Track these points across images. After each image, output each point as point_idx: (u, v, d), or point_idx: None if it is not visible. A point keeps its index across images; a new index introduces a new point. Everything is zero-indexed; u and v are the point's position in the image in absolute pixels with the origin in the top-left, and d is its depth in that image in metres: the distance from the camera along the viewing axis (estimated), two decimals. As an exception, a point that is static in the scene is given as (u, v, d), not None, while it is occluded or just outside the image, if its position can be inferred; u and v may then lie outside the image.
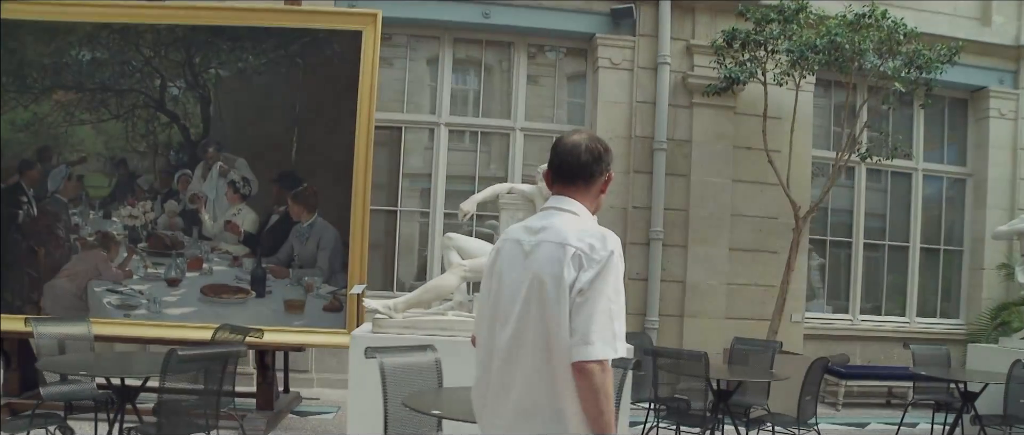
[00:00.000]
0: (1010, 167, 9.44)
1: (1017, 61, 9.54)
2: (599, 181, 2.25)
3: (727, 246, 8.12)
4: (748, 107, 7.91)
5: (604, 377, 2.03)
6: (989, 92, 9.48)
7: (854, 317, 9.20)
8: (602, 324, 2.03)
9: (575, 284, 2.06)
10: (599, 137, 2.32)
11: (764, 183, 7.79)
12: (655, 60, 8.08)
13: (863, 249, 9.31)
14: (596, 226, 2.17)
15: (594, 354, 2.01)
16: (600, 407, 2.05)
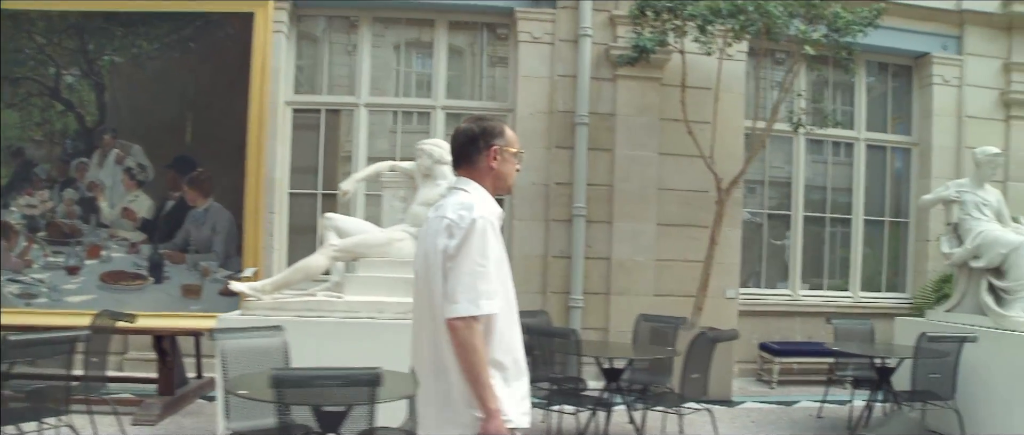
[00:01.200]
0: (954, 135, 9.43)
1: (960, 26, 9.51)
2: (482, 159, 2.57)
3: (654, 221, 8.15)
4: (675, 78, 7.89)
5: (468, 333, 2.32)
6: (932, 59, 9.47)
7: (794, 292, 9.22)
8: (467, 284, 2.34)
9: (446, 250, 2.39)
10: (483, 117, 2.65)
11: (693, 156, 7.80)
12: (576, 32, 8.08)
13: (804, 222, 9.30)
14: (472, 198, 2.48)
15: (458, 311, 2.33)
16: (468, 360, 2.34)
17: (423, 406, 2.60)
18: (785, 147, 9.29)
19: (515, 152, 2.65)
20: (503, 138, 2.61)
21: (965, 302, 7.14)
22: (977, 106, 9.54)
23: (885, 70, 9.81)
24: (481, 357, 2.35)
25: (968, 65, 9.53)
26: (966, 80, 9.52)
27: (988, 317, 6.65)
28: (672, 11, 7.16)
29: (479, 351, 2.34)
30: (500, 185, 2.64)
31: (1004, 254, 6.71)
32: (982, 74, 9.59)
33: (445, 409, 2.46)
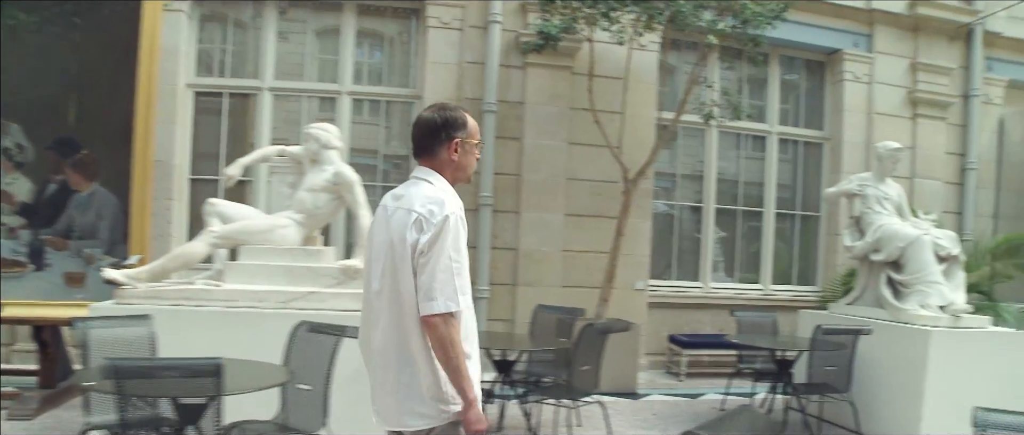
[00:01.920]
0: (865, 131, 9.71)
1: (870, 24, 9.80)
2: (443, 150, 2.62)
3: (563, 212, 8.20)
4: (586, 67, 7.93)
5: (447, 329, 2.44)
6: (844, 55, 9.72)
7: (705, 285, 9.36)
8: (443, 281, 2.43)
9: (417, 245, 2.46)
10: (446, 106, 2.68)
11: (602, 146, 7.84)
12: (486, 19, 8.08)
13: (716, 215, 9.46)
14: (440, 192, 2.54)
15: (437, 308, 2.42)
16: (448, 354, 2.44)
17: (381, 396, 2.64)
18: (699, 140, 9.43)
19: (475, 143, 2.71)
20: (465, 129, 2.66)
21: (866, 295, 7.34)
22: (886, 103, 9.84)
23: (799, 65, 10.01)
24: (459, 350, 2.46)
25: (878, 63, 9.82)
26: (876, 78, 9.81)
27: (886, 310, 6.82)
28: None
29: (458, 345, 2.46)
30: (460, 176, 2.69)
31: (902, 248, 6.91)
32: (891, 72, 9.91)
33: (408, 400, 2.55)
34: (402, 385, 2.55)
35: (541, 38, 7.41)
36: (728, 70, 9.34)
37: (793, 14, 8.26)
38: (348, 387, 4.08)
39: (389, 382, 2.59)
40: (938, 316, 6.45)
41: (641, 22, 7.30)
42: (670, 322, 9.02)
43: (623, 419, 6.64)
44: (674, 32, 7.75)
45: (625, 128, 7.92)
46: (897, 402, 6.38)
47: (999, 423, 2.83)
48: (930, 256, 6.78)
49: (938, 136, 10.18)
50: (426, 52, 8.16)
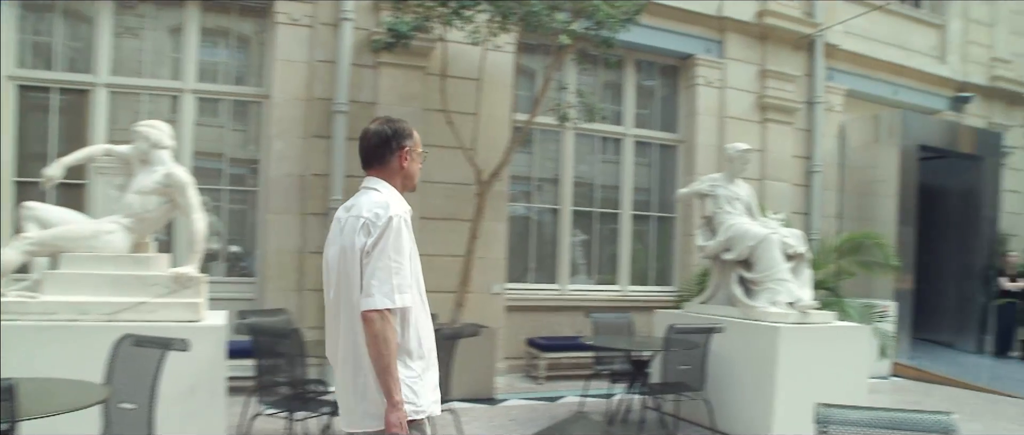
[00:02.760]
0: (717, 134, 10.13)
1: (721, 31, 10.25)
2: (394, 159, 2.83)
3: (418, 214, 8.06)
4: (439, 67, 7.91)
5: (383, 325, 2.57)
6: (697, 60, 10.09)
7: (563, 287, 9.51)
8: (382, 279, 2.59)
9: (364, 248, 2.62)
10: (392, 119, 2.90)
11: (457, 148, 7.83)
12: (337, 16, 7.93)
13: (573, 217, 9.62)
14: (386, 197, 2.72)
15: (373, 304, 2.56)
16: (379, 350, 2.57)
17: (344, 398, 2.79)
18: (555, 143, 9.57)
19: (420, 151, 2.95)
20: (412, 139, 2.89)
21: (718, 294, 7.63)
22: (737, 107, 10.32)
23: (654, 69, 10.33)
24: (392, 349, 2.58)
25: (729, 69, 10.29)
26: (727, 83, 10.28)
27: (737, 308, 7.09)
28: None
29: (391, 343, 2.58)
30: (408, 183, 2.91)
31: (752, 246, 7.22)
32: (741, 78, 10.40)
33: (363, 402, 2.69)
34: (358, 388, 2.69)
35: (393, 36, 7.35)
36: (584, 73, 9.52)
37: (647, 19, 8.51)
38: (176, 405, 3.91)
39: (348, 385, 2.74)
40: (787, 312, 6.78)
41: (495, 23, 7.33)
42: (528, 325, 9.12)
43: (479, 425, 6.65)
44: (528, 33, 7.83)
45: (479, 130, 7.95)
46: (750, 397, 6.66)
47: (841, 419, 2.99)
48: (778, 254, 7.11)
49: (785, 140, 10.76)
50: (275, 50, 7.93)
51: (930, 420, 2.93)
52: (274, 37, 7.96)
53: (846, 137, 11.79)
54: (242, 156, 8.25)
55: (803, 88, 11.08)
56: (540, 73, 9.25)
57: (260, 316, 6.22)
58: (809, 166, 11.14)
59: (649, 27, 9.19)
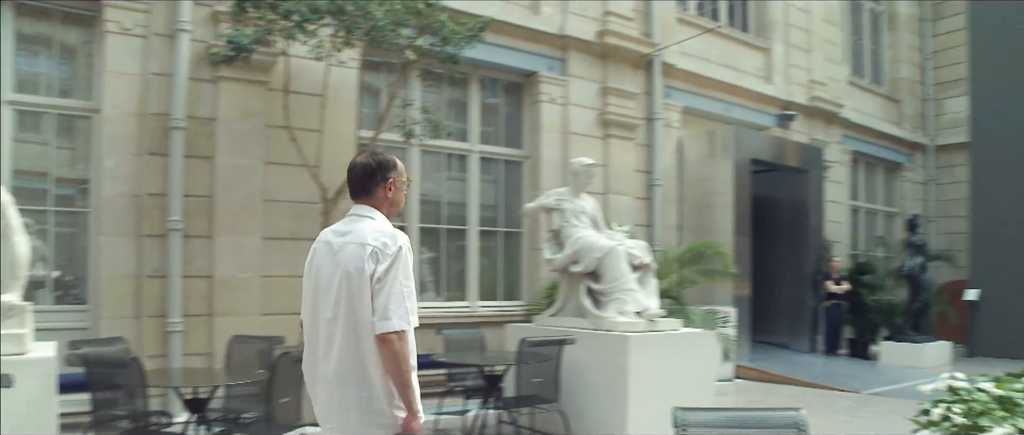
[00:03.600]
0: (561, 149, 10.44)
1: (564, 50, 10.62)
2: (380, 189, 3.10)
3: (260, 235, 7.97)
4: (282, 83, 7.76)
5: (401, 345, 2.85)
6: (540, 77, 10.39)
7: (413, 305, 9.45)
8: (397, 303, 2.85)
9: (374, 274, 2.87)
10: (377, 152, 3.17)
11: (300, 165, 7.71)
12: (173, 26, 7.64)
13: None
14: (388, 227, 3.03)
15: (392, 326, 2.82)
16: (400, 368, 2.86)
17: (343, 412, 2.97)
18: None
19: (405, 180, 3.21)
20: (396, 170, 3.15)
21: (568, 306, 7.83)
22: (580, 123, 10.69)
23: (499, 86, 10.54)
24: (410, 365, 2.88)
25: (572, 86, 10.67)
26: (570, 99, 10.64)
27: (587, 319, 7.30)
28: (272, 7, 7.03)
29: (408, 360, 2.87)
30: (393, 211, 3.17)
31: (599, 258, 7.46)
32: (584, 95, 10.80)
33: (367, 413, 2.92)
34: (362, 400, 2.92)
35: (232, 49, 7.17)
36: (429, 90, 9.59)
37: (492, 37, 8.70)
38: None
39: (350, 399, 2.94)
40: (635, 321, 7.06)
41: (339, 37, 7.28)
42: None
43: (333, 448, 6.50)
44: (373, 49, 7.83)
45: (324, 147, 7.89)
46: (604, 406, 6.87)
47: (698, 421, 3.17)
48: (625, 265, 7.39)
49: (627, 155, 11.22)
50: (105, 61, 7.55)
51: (781, 416, 3.19)
52: (103, 47, 7.56)
53: (684, 152, 12.42)
54: (70, 175, 7.78)
55: (642, 105, 11.63)
56: (384, 90, 9.25)
57: (94, 346, 5.89)
58: (650, 180, 11.68)
59: (493, 44, 9.41)
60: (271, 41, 7.31)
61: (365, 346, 2.90)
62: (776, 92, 14.06)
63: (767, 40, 14.24)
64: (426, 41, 7.55)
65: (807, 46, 14.93)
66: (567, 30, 10.54)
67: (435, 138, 8.80)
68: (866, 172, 17.36)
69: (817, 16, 15.22)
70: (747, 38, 14.04)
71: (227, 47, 7.25)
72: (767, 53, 14.23)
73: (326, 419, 3.05)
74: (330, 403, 3.02)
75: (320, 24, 7.13)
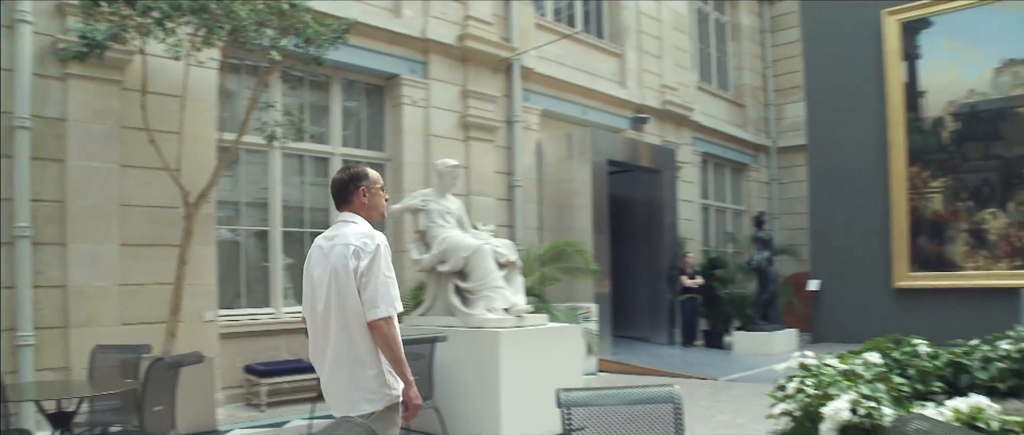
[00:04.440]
0: (423, 152, 10.66)
1: (425, 53, 10.86)
2: (356, 197, 3.60)
3: (117, 241, 7.77)
4: (137, 82, 7.60)
5: (390, 328, 3.39)
6: (402, 80, 10.58)
7: (278, 310, 9.45)
8: (382, 293, 3.39)
9: (358, 270, 3.39)
10: (350, 166, 3.73)
11: (159, 168, 7.60)
12: (12, 17, 7.32)
13: (283, 239, 9.60)
14: (368, 229, 3.54)
15: (380, 314, 3.36)
16: (391, 348, 3.41)
17: (337, 392, 3.51)
18: (263, 165, 9.52)
19: (380, 187, 3.68)
20: (368, 179, 3.64)
21: (437, 305, 8.01)
22: (442, 126, 10.94)
23: (361, 88, 10.64)
24: (400, 344, 3.42)
25: (433, 89, 10.91)
26: (432, 102, 10.87)
27: (456, 317, 7.50)
28: (128, 2, 6.89)
29: (398, 340, 3.42)
30: (373, 214, 3.65)
31: (466, 257, 7.68)
32: (445, 97, 11.06)
33: (357, 390, 3.44)
34: (354, 378, 3.44)
35: (85, 45, 6.95)
36: (291, 93, 9.58)
37: (353, 39, 8.81)
38: None
39: (342, 378, 3.47)
40: (504, 318, 7.32)
41: (198, 37, 7.21)
42: (245, 352, 8.98)
43: (201, 455, 6.47)
44: (234, 49, 7.78)
45: (183, 150, 7.78)
46: (477, 401, 7.09)
47: (581, 401, 3.42)
48: (492, 264, 7.65)
49: (488, 157, 11.54)
50: (-65, 55, 7.17)
51: (658, 392, 3.51)
52: (-66, 41, 7.19)
53: (543, 153, 12.86)
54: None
55: (502, 108, 12.00)
56: (244, 92, 9.19)
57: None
58: (510, 181, 12.06)
59: (355, 47, 9.52)
60: (126, 38, 7.13)
61: (354, 332, 3.41)
62: (630, 96, 14.77)
63: (621, 46, 14.94)
64: (290, 42, 7.58)
65: (658, 53, 15.76)
66: (428, 33, 10.76)
67: (297, 141, 8.82)
68: (715, 172, 18.45)
69: (668, 24, 16.10)
70: (602, 44, 14.69)
71: (78, 42, 7.02)
72: (621, 58, 14.92)
73: (328, 396, 3.59)
74: (330, 381, 3.55)
75: (179, 22, 7.03)
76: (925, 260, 12.81)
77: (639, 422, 3.46)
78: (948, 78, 12.75)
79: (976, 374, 4.77)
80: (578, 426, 3.35)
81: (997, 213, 12.25)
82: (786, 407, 3.67)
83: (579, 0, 14.65)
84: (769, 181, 19.88)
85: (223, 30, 7.16)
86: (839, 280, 13.71)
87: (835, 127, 13.97)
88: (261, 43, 7.26)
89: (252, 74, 8.92)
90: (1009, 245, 12.11)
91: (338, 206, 3.66)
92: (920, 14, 12.97)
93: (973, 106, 12.54)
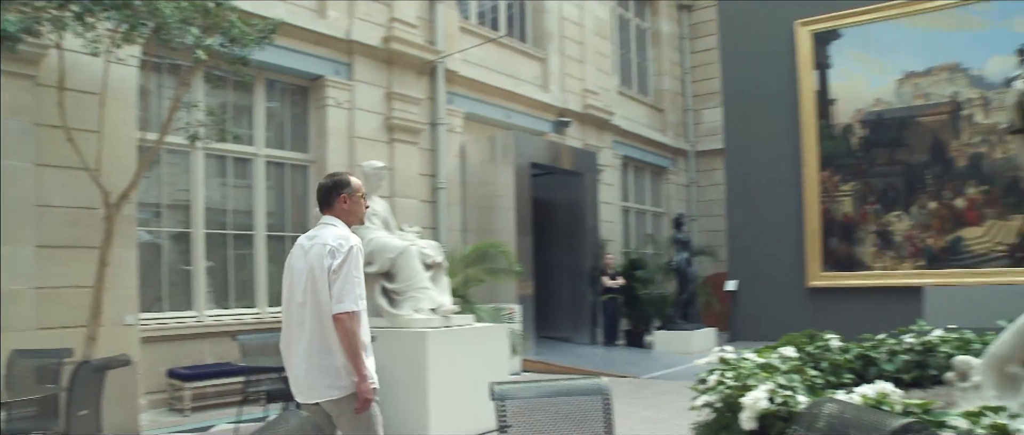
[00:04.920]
0: (347, 154, 10.71)
1: (350, 54, 10.91)
2: (337, 202, 4.01)
3: (33, 243, 7.61)
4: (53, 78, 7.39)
5: (352, 322, 3.74)
6: (326, 81, 10.60)
7: (200, 314, 9.37)
8: (347, 290, 3.75)
9: (331, 267, 3.76)
10: (335, 174, 4.15)
11: (77, 168, 7.44)
12: (-86, 10, 7.11)
13: (206, 241, 9.53)
14: (345, 232, 3.94)
15: (344, 308, 3.74)
16: (350, 343, 3.75)
17: (310, 377, 3.86)
18: (184, 165, 9.43)
19: (361, 196, 4.10)
20: (350, 187, 4.04)
21: (363, 306, 8.02)
22: (366, 128, 11.01)
23: (284, 89, 10.61)
24: (358, 338, 3.77)
25: (358, 90, 10.97)
26: (356, 104, 10.94)
27: (384, 318, 7.58)
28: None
29: (358, 335, 3.77)
30: (352, 219, 4.07)
31: (393, 258, 7.78)
32: (370, 99, 11.13)
33: (327, 377, 3.82)
34: (324, 368, 3.81)
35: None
36: (213, 92, 9.50)
37: (278, 39, 8.73)
38: None
39: (315, 367, 3.83)
40: (431, 318, 7.45)
41: (120, 33, 7.10)
42: (168, 356, 8.88)
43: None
44: (158, 47, 7.68)
45: (103, 149, 7.64)
46: (406, 401, 7.19)
47: (515, 393, 3.60)
48: (418, 265, 7.78)
49: (412, 159, 11.67)
50: None
51: (588, 384, 3.77)
52: None
53: (466, 156, 13.02)
54: None
55: (426, 110, 12.13)
56: (165, 90, 9.09)
57: None
58: (435, 183, 12.21)
59: (280, 47, 9.45)
60: (40, 31, 6.95)
61: (326, 324, 3.79)
62: (552, 100, 15.05)
63: (544, 50, 15.21)
64: (215, 41, 7.52)
65: (580, 57, 16.09)
66: (353, 35, 10.80)
67: (220, 142, 8.76)
68: (635, 175, 18.88)
69: (589, 30, 16.45)
70: (525, 48, 14.93)
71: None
72: (544, 63, 15.18)
73: (297, 384, 3.95)
74: (301, 371, 3.89)
75: (101, 17, 6.92)
76: (836, 260, 13.35)
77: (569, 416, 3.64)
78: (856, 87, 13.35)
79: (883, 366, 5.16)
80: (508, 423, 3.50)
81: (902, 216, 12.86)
82: (708, 399, 3.88)
83: (503, 4, 14.89)
84: (688, 184, 20.44)
85: (146, 27, 7.08)
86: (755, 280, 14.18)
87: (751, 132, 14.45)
88: (185, 41, 7.22)
89: (174, 73, 8.82)
90: (913, 246, 12.73)
91: (321, 209, 4.06)
92: (830, 26, 13.54)
93: (879, 114, 13.14)
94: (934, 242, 12.50)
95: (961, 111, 12.41)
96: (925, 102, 12.76)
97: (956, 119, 12.50)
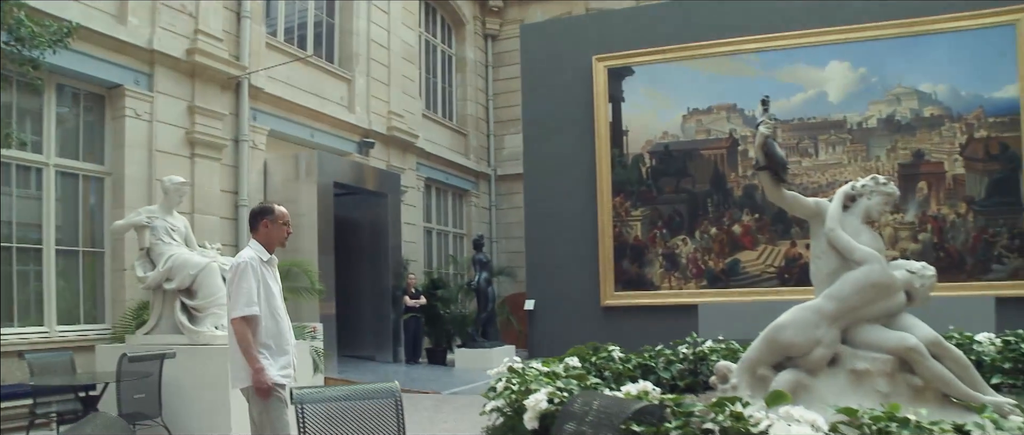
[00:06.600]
0: (147, 167, 10.55)
1: (151, 64, 10.79)
2: (261, 227, 4.83)
3: None
4: None
5: (238, 326, 4.57)
6: (125, 91, 10.40)
7: (-20, 330, 8.95)
8: (235, 298, 4.59)
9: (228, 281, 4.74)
10: (265, 203, 5.01)
11: None
12: None
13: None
14: (248, 250, 4.78)
15: (233, 314, 4.58)
16: (239, 343, 4.57)
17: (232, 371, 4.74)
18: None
19: (283, 223, 4.90)
20: (272, 214, 4.85)
21: (162, 323, 8.10)
22: (167, 141, 10.91)
23: (78, 96, 10.29)
24: (246, 339, 4.54)
25: (158, 102, 10.85)
26: (157, 116, 10.80)
27: (184, 334, 7.64)
28: None
29: (245, 337, 4.54)
30: (272, 242, 4.87)
31: (194, 275, 7.89)
32: (171, 112, 11.05)
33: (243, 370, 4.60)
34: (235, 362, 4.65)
35: None
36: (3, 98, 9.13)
37: (74, 43, 8.51)
38: None
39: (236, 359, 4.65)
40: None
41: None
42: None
43: None
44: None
45: None
46: (207, 418, 7.32)
47: (313, 397, 3.94)
48: (219, 281, 7.90)
49: (214, 175, 11.66)
50: None
51: (381, 388, 4.16)
52: None
53: (269, 174, 13.11)
54: None
55: (230, 126, 12.16)
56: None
57: None
58: (237, 200, 12.24)
59: (76, 52, 9.20)
60: None
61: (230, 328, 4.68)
62: (358, 120, 15.39)
63: (350, 71, 15.54)
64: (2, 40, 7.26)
65: (387, 80, 16.54)
66: (155, 44, 10.66)
67: (6, 149, 8.45)
68: (438, 197, 19.53)
69: (396, 53, 16.94)
70: (332, 68, 15.21)
71: None
72: (350, 83, 15.51)
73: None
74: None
75: None
76: (628, 280, 14.39)
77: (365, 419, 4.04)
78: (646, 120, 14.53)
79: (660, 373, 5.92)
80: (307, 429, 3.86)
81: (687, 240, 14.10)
82: (496, 404, 4.30)
83: (311, 23, 15.09)
84: (489, 207, 21.29)
85: None
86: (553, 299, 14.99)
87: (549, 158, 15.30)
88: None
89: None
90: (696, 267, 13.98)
91: (251, 232, 4.91)
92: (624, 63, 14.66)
93: (666, 146, 14.36)
94: (715, 264, 13.78)
95: (738, 146, 13.83)
96: (707, 137, 14.09)
97: (733, 153, 13.90)
